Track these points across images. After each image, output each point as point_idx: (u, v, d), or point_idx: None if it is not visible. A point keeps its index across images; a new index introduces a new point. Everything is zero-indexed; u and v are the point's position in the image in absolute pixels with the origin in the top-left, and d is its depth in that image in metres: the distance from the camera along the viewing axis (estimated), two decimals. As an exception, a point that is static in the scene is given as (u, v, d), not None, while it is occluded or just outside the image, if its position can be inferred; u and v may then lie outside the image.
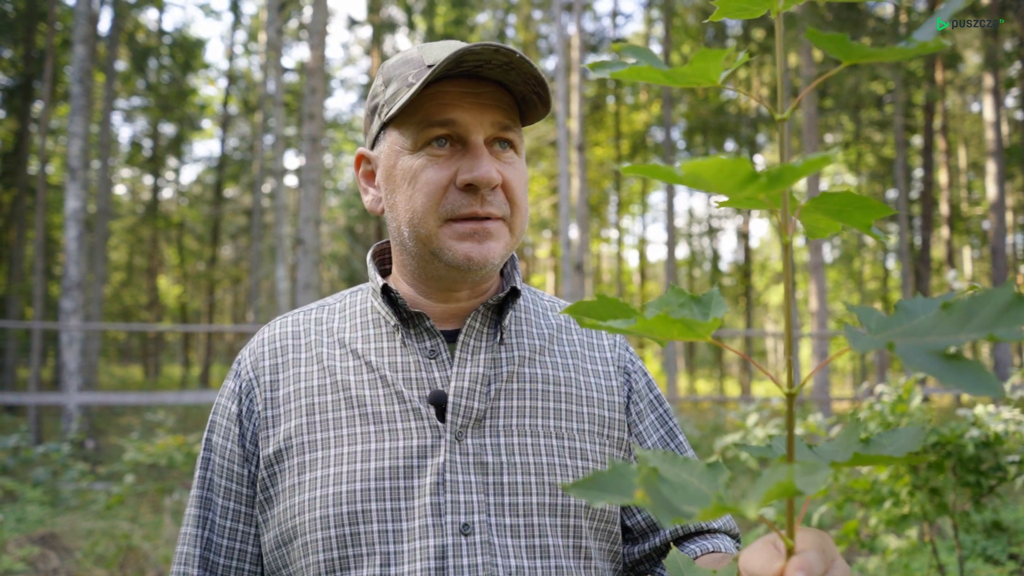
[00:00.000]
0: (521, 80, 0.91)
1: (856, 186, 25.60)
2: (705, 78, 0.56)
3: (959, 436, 2.96)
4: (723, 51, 0.54)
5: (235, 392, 0.98)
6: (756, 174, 0.45)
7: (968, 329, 0.42)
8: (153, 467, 7.27)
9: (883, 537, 3.90)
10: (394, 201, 0.94)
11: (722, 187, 0.47)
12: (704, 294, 0.58)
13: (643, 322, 0.52)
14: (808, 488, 0.41)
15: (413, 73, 0.91)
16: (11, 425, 11.42)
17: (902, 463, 0.53)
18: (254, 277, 16.86)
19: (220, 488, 0.96)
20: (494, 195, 0.91)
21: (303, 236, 9.03)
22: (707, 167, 0.44)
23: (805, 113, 13.61)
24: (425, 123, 0.90)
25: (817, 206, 0.57)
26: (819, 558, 0.60)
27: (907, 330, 0.46)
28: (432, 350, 0.95)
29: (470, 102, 0.90)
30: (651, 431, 1.04)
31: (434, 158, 0.90)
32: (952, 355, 0.42)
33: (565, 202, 12.19)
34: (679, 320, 0.52)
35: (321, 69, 9.42)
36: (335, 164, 27.26)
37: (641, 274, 29.32)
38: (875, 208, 0.56)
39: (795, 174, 0.45)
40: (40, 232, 13.94)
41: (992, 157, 14.59)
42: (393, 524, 0.86)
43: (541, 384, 0.97)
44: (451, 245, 0.90)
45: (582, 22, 14.04)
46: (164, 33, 21.96)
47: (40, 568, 4.47)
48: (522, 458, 0.91)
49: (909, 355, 0.43)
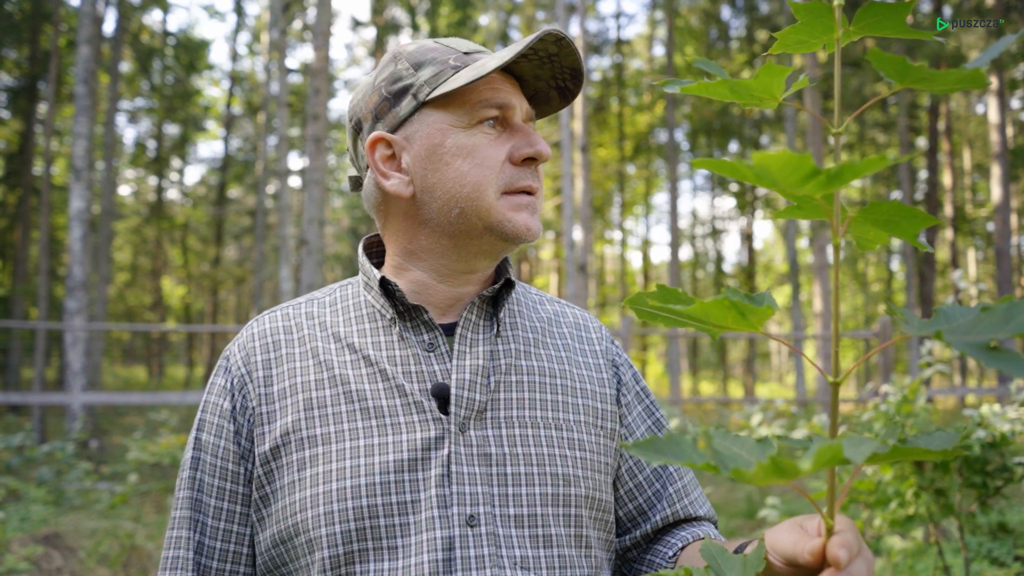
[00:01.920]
0: (549, 75, 0.97)
1: (860, 188, 25.57)
2: (768, 94, 0.59)
3: (965, 437, 2.94)
4: (787, 68, 0.57)
5: (226, 388, 0.96)
6: (817, 170, 0.47)
7: (1007, 329, 0.48)
8: (156, 466, 7.28)
9: (888, 538, 3.89)
10: (439, 179, 0.94)
11: (786, 181, 0.49)
12: (757, 294, 0.62)
13: (701, 305, 0.56)
14: (856, 456, 0.45)
15: (453, 58, 0.94)
16: (15, 425, 11.45)
17: (935, 457, 0.56)
18: (258, 278, 16.88)
19: (213, 488, 0.94)
20: (537, 171, 0.97)
21: (307, 237, 9.04)
22: (775, 160, 0.46)
23: (810, 115, 13.59)
24: (482, 104, 0.93)
25: (866, 216, 0.60)
26: (856, 539, 0.62)
27: (949, 329, 0.51)
28: (430, 343, 0.95)
29: (511, 88, 0.95)
30: (639, 422, 1.07)
31: (488, 136, 0.94)
32: (993, 347, 0.47)
33: (569, 203, 12.18)
34: (735, 304, 0.56)
35: (325, 70, 9.43)
36: (338, 165, 27.29)
37: (645, 276, 29.29)
38: (921, 218, 0.58)
39: (854, 172, 0.47)
40: (44, 233, 13.98)
41: (997, 159, 14.55)
42: (401, 518, 0.86)
43: (538, 376, 0.99)
44: (511, 216, 0.93)
45: (585, 23, 14.04)
46: (168, 34, 22.02)
47: (44, 567, 4.48)
48: (524, 449, 0.92)
49: (958, 343, 0.48)
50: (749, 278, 24.85)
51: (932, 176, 17.53)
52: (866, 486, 3.23)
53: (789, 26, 0.60)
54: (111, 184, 15.05)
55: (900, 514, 3.10)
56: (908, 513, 3.07)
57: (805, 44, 0.61)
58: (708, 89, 0.59)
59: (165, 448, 6.45)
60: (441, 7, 21.09)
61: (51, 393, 12.87)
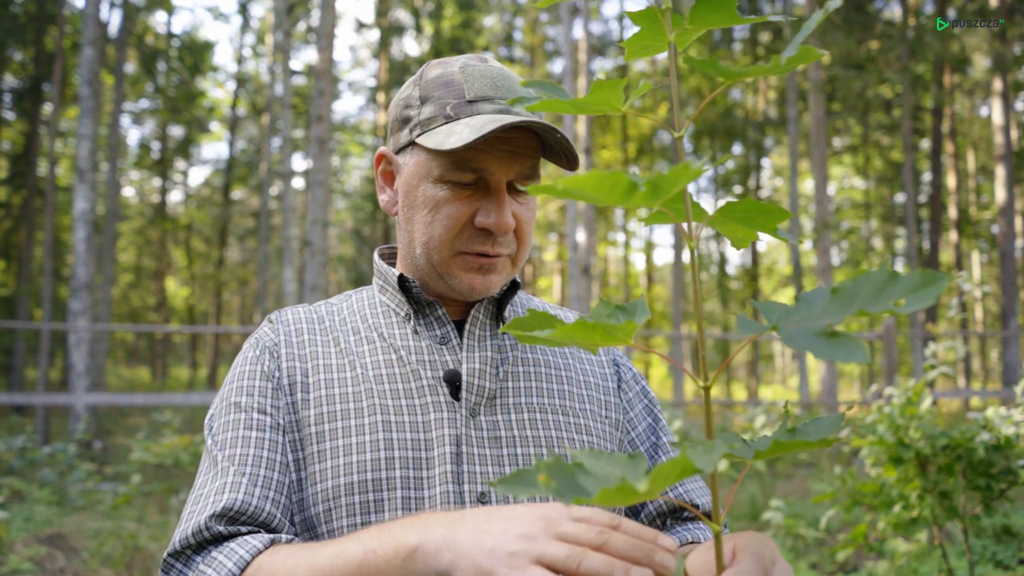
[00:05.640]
0: (554, 139, 0.95)
1: (865, 190, 25.54)
2: (608, 105, 0.62)
3: (969, 439, 2.93)
4: (621, 80, 0.59)
5: (259, 357, 0.98)
6: (635, 185, 0.48)
7: (852, 308, 0.47)
8: (160, 467, 7.29)
9: (892, 541, 3.87)
10: (411, 218, 0.99)
11: (608, 199, 0.50)
12: (630, 303, 0.63)
13: (563, 329, 0.58)
14: (705, 465, 0.43)
15: (452, 104, 0.94)
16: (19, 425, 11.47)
17: (815, 447, 0.56)
18: (261, 279, 16.90)
19: (264, 442, 0.92)
20: (505, 237, 0.97)
21: (310, 238, 9.05)
22: (586, 181, 0.48)
23: (813, 116, 13.57)
24: (456, 164, 0.93)
25: (725, 215, 0.62)
26: (755, 565, 0.62)
27: (804, 317, 0.50)
28: (443, 337, 1.01)
29: (502, 149, 0.94)
30: (639, 419, 1.11)
31: (456, 193, 0.95)
32: (832, 333, 0.47)
33: (572, 205, 12.19)
34: (598, 325, 0.57)
35: (329, 72, 9.45)
36: (342, 166, 27.32)
37: (648, 277, 29.28)
38: (776, 213, 0.61)
39: (671, 183, 0.48)
40: (49, 233, 14.01)
41: (1001, 161, 14.51)
42: (415, 491, 0.90)
43: (543, 368, 1.04)
44: (459, 274, 0.97)
45: (589, 25, 14.04)
46: (173, 36, 22.07)
47: (47, 568, 4.48)
48: (533, 432, 0.97)
49: (793, 337, 0.48)
50: (752, 280, 24.81)
51: (936, 178, 17.49)
52: (870, 488, 3.23)
53: (632, 35, 0.62)
54: (115, 185, 15.07)
55: (904, 516, 3.09)
56: (912, 515, 3.06)
57: (651, 48, 0.63)
58: (550, 105, 0.62)
59: (168, 449, 6.45)
60: (445, 9, 21.11)
61: (55, 394, 12.89)
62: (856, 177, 26.10)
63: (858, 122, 21.03)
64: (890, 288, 0.47)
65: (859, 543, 3.37)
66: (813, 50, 0.54)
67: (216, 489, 0.87)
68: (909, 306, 0.45)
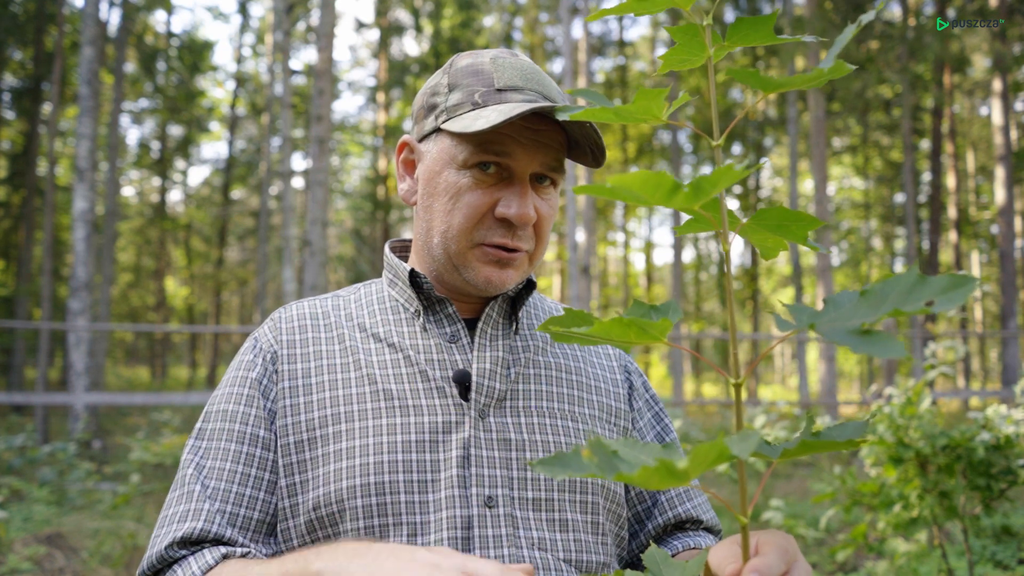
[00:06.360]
0: (582, 133, 0.94)
1: (864, 190, 25.54)
2: (650, 114, 0.62)
3: (969, 439, 2.93)
4: (663, 90, 0.60)
5: (254, 362, 0.98)
6: (679, 185, 0.49)
7: (883, 309, 0.48)
8: (159, 467, 7.28)
9: (892, 541, 3.88)
10: (431, 206, 0.97)
11: (652, 198, 0.51)
12: (663, 303, 0.64)
13: (599, 326, 0.59)
14: (741, 452, 0.45)
15: (481, 92, 0.93)
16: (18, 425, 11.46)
17: (843, 448, 0.57)
18: (261, 279, 16.90)
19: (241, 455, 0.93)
20: (525, 230, 0.96)
21: (310, 238, 9.04)
22: (633, 180, 0.48)
23: (812, 116, 13.56)
24: (482, 148, 0.92)
25: (758, 222, 0.62)
26: (779, 559, 0.64)
27: (834, 318, 0.52)
28: (453, 335, 0.99)
29: (528, 138, 0.92)
30: (648, 428, 1.11)
31: (479, 181, 0.93)
32: (866, 331, 0.48)
33: (572, 205, 12.19)
34: (634, 323, 0.58)
35: (329, 71, 9.44)
36: (342, 166, 27.33)
37: (648, 277, 29.27)
38: (808, 221, 0.61)
39: (712, 184, 0.49)
40: (48, 233, 14.00)
41: (1001, 161, 14.51)
42: (420, 495, 0.89)
43: (555, 371, 1.02)
44: (476, 266, 0.95)
45: (588, 25, 14.03)
46: (172, 35, 22.06)
47: (46, 567, 4.48)
48: (542, 436, 0.95)
49: (830, 333, 0.49)
50: (752, 280, 24.82)
51: (936, 178, 17.49)
52: (870, 488, 3.22)
53: (670, 48, 0.64)
54: (115, 185, 15.07)
55: (904, 516, 3.08)
56: (912, 515, 3.06)
57: (687, 62, 0.64)
58: (596, 114, 0.63)
59: (168, 448, 6.45)
60: (444, 9, 21.11)
61: (54, 393, 12.89)
62: (856, 177, 26.09)
63: (858, 122, 21.02)
64: (920, 289, 0.48)
65: (859, 543, 3.37)
66: (844, 64, 0.56)
67: (179, 515, 0.90)
68: (940, 306, 0.46)
